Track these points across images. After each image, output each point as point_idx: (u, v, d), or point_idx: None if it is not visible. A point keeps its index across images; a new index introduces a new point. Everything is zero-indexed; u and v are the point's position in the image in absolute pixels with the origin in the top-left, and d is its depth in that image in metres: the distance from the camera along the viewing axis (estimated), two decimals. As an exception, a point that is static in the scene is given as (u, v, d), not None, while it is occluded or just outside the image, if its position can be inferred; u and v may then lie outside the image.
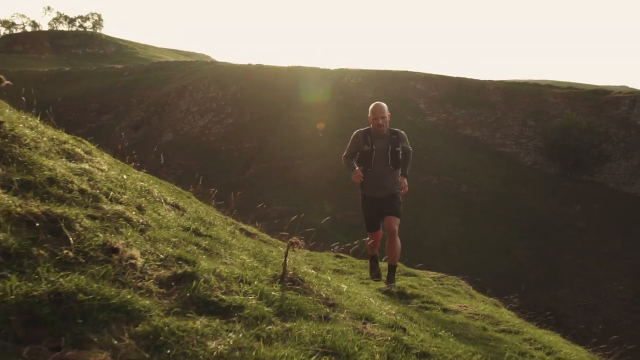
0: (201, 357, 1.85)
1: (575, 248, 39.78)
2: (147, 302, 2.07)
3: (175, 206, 3.64)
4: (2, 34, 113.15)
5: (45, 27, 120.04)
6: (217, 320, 2.15)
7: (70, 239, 2.21)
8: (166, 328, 1.95)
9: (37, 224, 2.17)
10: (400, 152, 7.35)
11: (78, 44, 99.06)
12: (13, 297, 1.79)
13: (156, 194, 3.51)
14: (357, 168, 7.15)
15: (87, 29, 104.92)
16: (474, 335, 3.23)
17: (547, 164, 47.98)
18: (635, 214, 41.99)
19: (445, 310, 4.69)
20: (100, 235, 2.37)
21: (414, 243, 37.94)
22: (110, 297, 1.97)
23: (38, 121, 3.51)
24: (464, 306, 4.76)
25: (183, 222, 3.32)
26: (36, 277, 1.94)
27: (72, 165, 2.98)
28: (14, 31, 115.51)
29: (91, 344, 1.75)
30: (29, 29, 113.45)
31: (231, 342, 1.97)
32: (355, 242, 9.98)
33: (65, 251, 2.14)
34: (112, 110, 55.83)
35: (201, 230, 3.28)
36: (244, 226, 6.74)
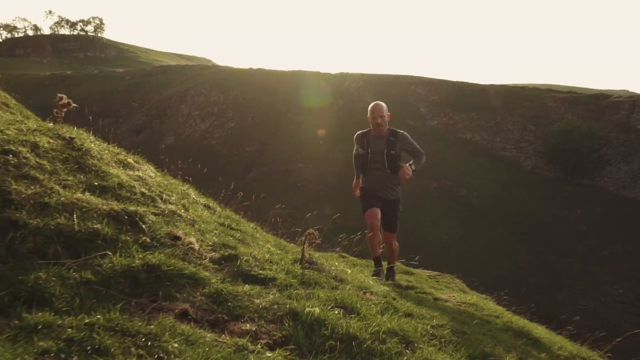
0: (251, 308, 2.60)
1: (576, 252, 40.15)
2: (207, 273, 2.83)
3: (207, 206, 4.41)
4: (3, 37, 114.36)
5: (46, 31, 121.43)
6: (258, 287, 2.91)
7: (145, 229, 2.97)
8: (224, 290, 2.70)
9: (121, 218, 2.94)
10: (397, 155, 7.17)
11: (79, 48, 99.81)
12: (119, 267, 2.54)
13: (193, 196, 4.29)
14: (359, 180, 7.28)
15: (89, 33, 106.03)
16: (452, 310, 3.93)
17: (547, 168, 48.42)
18: (635, 217, 42.49)
19: (435, 299, 5.38)
20: (165, 226, 3.13)
21: (414, 246, 38.25)
22: (183, 269, 2.73)
23: (93, 137, 4.28)
24: (453, 296, 5.41)
25: (216, 219, 4.08)
26: (129, 255, 2.70)
27: (130, 172, 3.73)
28: (16, 35, 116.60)
29: (176, 299, 2.50)
30: (30, 32, 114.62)
31: (270, 300, 2.73)
32: (358, 234, 10.34)
33: (144, 238, 2.90)
34: (114, 113, 56.54)
35: (233, 225, 4.04)
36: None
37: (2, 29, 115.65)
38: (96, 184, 3.23)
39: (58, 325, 1.95)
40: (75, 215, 2.71)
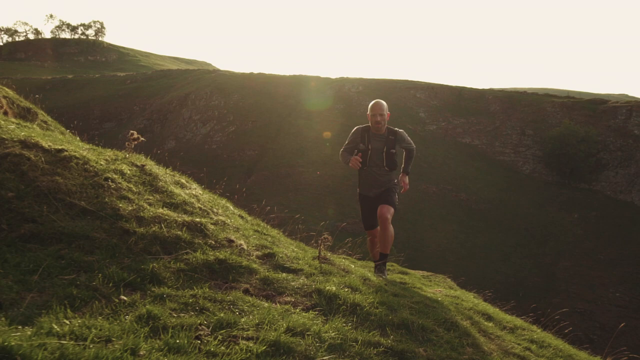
0: (289, 287, 3.78)
1: (573, 255, 41.03)
2: (256, 265, 4.00)
3: (241, 216, 5.59)
4: (4, 41, 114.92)
5: (47, 34, 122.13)
6: (291, 274, 4.09)
7: (209, 234, 4.17)
8: (270, 276, 3.88)
9: (192, 227, 4.15)
10: (396, 154, 7.42)
11: (80, 52, 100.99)
12: (200, 260, 3.74)
13: (231, 208, 5.48)
14: (355, 156, 7.27)
15: (90, 37, 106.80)
16: (430, 296, 5.07)
17: (545, 172, 49.38)
18: (631, 222, 43.43)
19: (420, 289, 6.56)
20: (221, 232, 4.32)
21: (413, 250, 39.09)
22: (241, 262, 3.90)
23: (152, 161, 5.45)
24: (439, 290, 6.52)
25: (250, 226, 5.26)
26: (204, 252, 3.90)
27: (186, 191, 4.92)
28: (17, 39, 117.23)
29: (239, 282, 3.68)
30: (31, 36, 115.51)
31: (301, 282, 3.90)
32: (359, 238, 11.03)
33: (210, 241, 4.08)
34: (115, 117, 57.59)
35: (263, 232, 5.23)
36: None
37: (3, 32, 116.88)
38: (168, 201, 4.41)
39: (175, 295, 3.13)
40: (163, 225, 3.90)
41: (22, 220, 3.53)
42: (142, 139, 5.19)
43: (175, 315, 2.87)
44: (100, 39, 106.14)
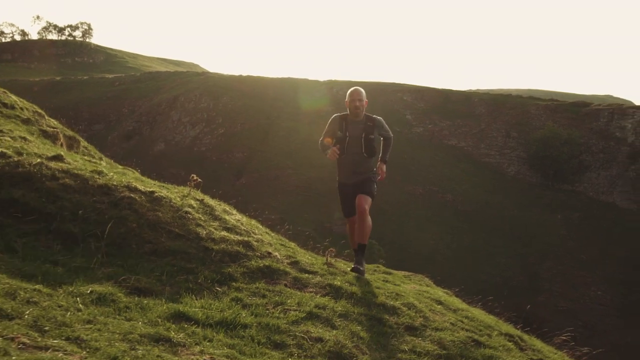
0: (311, 283, 6.05)
1: (556, 255, 43.16)
2: (288, 269, 6.21)
3: (267, 232, 7.84)
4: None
5: (34, 36, 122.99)
6: (311, 275, 6.31)
7: (255, 249, 6.44)
8: (298, 276, 6.14)
9: (244, 244, 6.41)
10: (374, 139, 7.59)
11: (67, 53, 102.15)
12: (254, 267, 6.02)
13: (261, 228, 7.74)
14: (333, 147, 7.50)
15: (77, 38, 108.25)
16: (403, 288, 7.34)
17: (530, 174, 52.01)
18: (613, 222, 45.75)
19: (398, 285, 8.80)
20: (262, 247, 6.59)
21: (400, 250, 41.01)
22: (279, 267, 6.12)
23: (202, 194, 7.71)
24: (413, 287, 8.70)
25: (275, 240, 7.49)
26: (255, 261, 6.19)
27: (232, 217, 7.13)
28: (3, 40, 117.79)
29: (279, 280, 5.94)
30: (18, 37, 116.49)
31: (318, 280, 6.16)
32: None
33: (257, 253, 6.35)
34: (104, 119, 59.34)
35: (285, 244, 7.46)
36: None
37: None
38: (224, 226, 6.61)
39: (246, 287, 5.35)
40: (227, 244, 6.15)
41: (143, 242, 5.76)
42: (200, 180, 7.39)
43: (250, 298, 5.14)
44: (87, 40, 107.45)
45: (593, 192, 50.24)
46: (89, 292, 4.43)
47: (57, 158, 6.83)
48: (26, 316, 3.72)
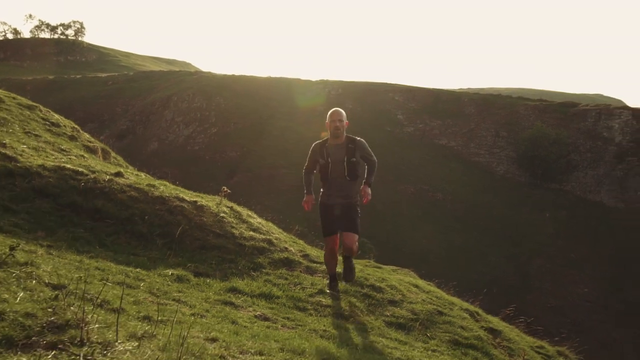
0: (319, 270, 8.25)
1: (545, 254, 44.78)
2: (302, 261, 8.39)
3: (281, 232, 10.04)
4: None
5: (27, 34, 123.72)
6: (318, 264, 8.53)
7: (276, 245, 8.65)
8: (309, 265, 8.39)
9: (268, 241, 8.62)
10: (357, 162, 7.66)
11: (60, 52, 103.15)
12: (276, 258, 8.23)
13: (276, 228, 9.96)
14: (310, 194, 7.88)
15: (69, 37, 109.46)
16: (386, 276, 9.53)
17: (519, 173, 54.21)
18: (600, 220, 47.87)
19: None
20: (280, 243, 8.79)
21: (394, 250, 42.74)
22: (295, 259, 8.37)
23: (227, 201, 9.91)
24: (399, 277, 10.92)
25: (289, 238, 9.71)
26: (277, 254, 8.40)
27: (255, 220, 9.36)
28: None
29: (296, 268, 8.17)
30: (10, 36, 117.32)
31: (324, 268, 8.42)
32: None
33: (277, 248, 8.56)
34: (97, 119, 61.05)
35: (295, 241, 9.66)
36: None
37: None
38: (250, 227, 8.84)
39: (272, 272, 7.53)
40: (254, 241, 8.36)
41: (194, 239, 7.96)
42: (229, 191, 9.60)
43: (277, 280, 7.37)
44: (80, 39, 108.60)
45: (581, 191, 52.31)
46: (170, 274, 6.68)
47: (119, 174, 9.09)
48: (141, 287, 5.95)
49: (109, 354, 3.25)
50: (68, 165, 8.79)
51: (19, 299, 3.82)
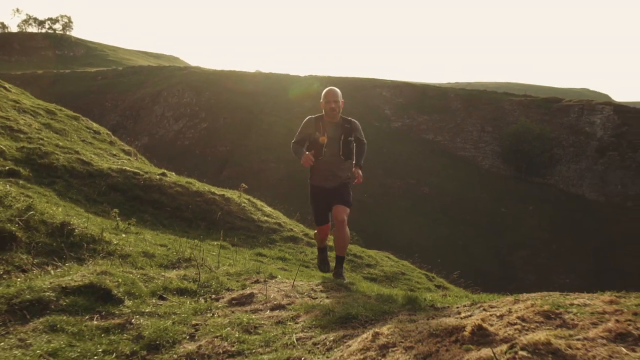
0: None
1: (529, 245, 48.34)
2: (303, 237, 12.00)
3: (286, 218, 13.52)
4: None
5: (14, 29, 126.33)
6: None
7: (284, 226, 12.19)
8: (309, 241, 11.95)
9: (279, 224, 12.17)
10: (352, 142, 7.54)
11: (48, 46, 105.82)
12: (285, 236, 11.79)
13: (282, 215, 13.45)
14: (307, 152, 7.35)
15: (57, 31, 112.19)
16: (375, 255, 13.01)
17: (503, 167, 57.90)
18: (582, 213, 51.43)
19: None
20: (287, 225, 12.35)
21: (382, 242, 45.48)
22: (297, 236, 11.92)
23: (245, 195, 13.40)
24: (376, 252, 14.50)
25: (291, 222, 13.21)
26: (285, 233, 11.99)
27: (266, 209, 12.91)
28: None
29: (299, 242, 11.73)
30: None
31: None
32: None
33: (285, 228, 12.12)
34: (87, 114, 62.45)
35: (297, 225, 13.16)
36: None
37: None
38: (264, 213, 12.34)
39: (283, 246, 11.06)
40: (269, 224, 11.87)
41: (225, 223, 11.46)
42: (246, 187, 13.14)
43: (287, 250, 10.88)
44: (68, 33, 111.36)
45: (563, 184, 56.00)
46: (215, 244, 10.19)
47: (164, 174, 12.62)
48: (203, 248, 9.49)
49: (218, 270, 6.77)
50: (127, 168, 12.30)
51: (158, 249, 7.39)
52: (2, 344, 3.52)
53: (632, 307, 2.63)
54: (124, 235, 7.99)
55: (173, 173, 14.05)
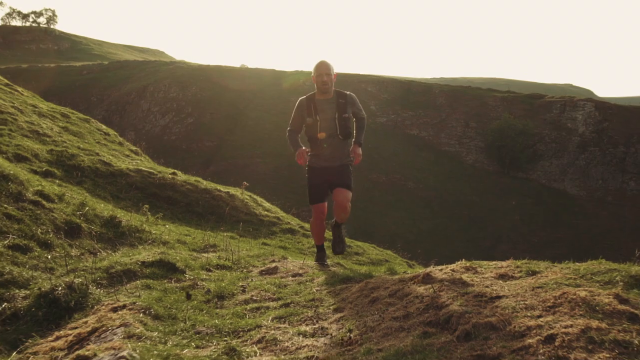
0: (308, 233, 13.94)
1: (510, 239, 50.33)
2: (299, 230, 14.00)
3: (283, 212, 15.47)
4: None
5: None
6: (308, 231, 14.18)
7: (282, 219, 14.19)
8: (305, 233, 13.92)
9: (278, 218, 14.16)
10: (351, 119, 7.28)
11: (32, 40, 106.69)
12: (283, 228, 13.82)
13: (279, 209, 15.40)
14: (302, 147, 7.11)
15: (41, 25, 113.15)
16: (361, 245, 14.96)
17: (487, 162, 60.14)
18: (563, 207, 53.76)
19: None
20: (285, 219, 14.34)
21: (365, 235, 47.26)
22: (293, 227, 13.86)
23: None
24: (363, 243, 16.51)
25: (287, 216, 15.18)
26: (284, 225, 13.98)
27: (265, 204, 14.88)
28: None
29: (297, 234, 13.70)
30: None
31: None
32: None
33: (283, 222, 14.09)
34: (73, 109, 64.98)
35: (293, 219, 15.14)
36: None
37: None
38: (264, 208, 14.30)
39: (283, 237, 13.06)
40: (269, 217, 13.80)
41: (231, 216, 13.39)
42: (247, 184, 15.13)
43: (286, 240, 12.84)
44: (52, 26, 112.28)
45: (546, 179, 58.32)
46: (225, 235, 12.15)
47: (174, 173, 14.56)
48: (217, 237, 11.46)
49: (240, 253, 8.74)
50: (142, 168, 14.23)
51: (187, 238, 9.38)
52: (119, 296, 5.47)
53: (522, 266, 4.64)
54: (158, 226, 9.98)
55: (181, 172, 15.97)
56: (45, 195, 8.51)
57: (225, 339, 4.17)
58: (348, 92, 7.51)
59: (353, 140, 7.42)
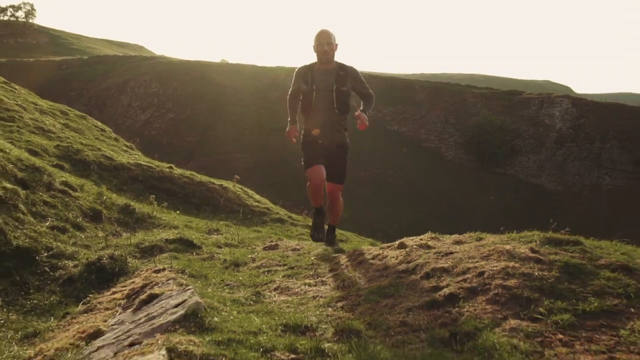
0: (299, 224, 15.30)
1: (487, 232, 52.79)
2: (287, 219, 15.50)
3: (271, 203, 16.96)
4: None
5: None
6: (297, 221, 15.57)
7: (272, 210, 15.65)
8: (293, 222, 15.39)
9: (268, 209, 15.60)
10: (350, 94, 7.12)
11: (10, 34, 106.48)
12: (274, 217, 15.26)
13: (267, 200, 16.87)
14: (294, 125, 7.04)
15: (20, 19, 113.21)
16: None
17: (466, 158, 61.83)
18: (541, 202, 55.50)
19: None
20: (274, 209, 15.79)
21: (346, 230, 49.24)
22: (283, 217, 15.40)
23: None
24: (346, 232, 18.00)
25: (276, 207, 16.65)
26: (274, 215, 15.45)
27: (256, 196, 16.34)
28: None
29: (286, 223, 15.19)
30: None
31: (301, 223, 15.49)
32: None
33: (273, 212, 15.57)
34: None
35: (281, 209, 16.61)
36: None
37: None
38: (255, 200, 15.72)
39: (275, 225, 14.55)
40: (259, 208, 15.24)
41: (225, 207, 14.81)
42: (239, 178, 16.52)
43: (277, 228, 14.32)
44: (30, 20, 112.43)
45: (523, 175, 60.17)
46: (221, 223, 13.58)
47: (171, 167, 15.98)
48: (214, 225, 12.90)
49: (241, 234, 10.19)
50: (141, 162, 15.62)
51: (192, 224, 10.84)
52: (154, 263, 6.90)
53: (474, 235, 6.16)
54: (164, 214, 11.41)
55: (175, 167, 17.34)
56: (70, 185, 9.86)
57: (249, 288, 5.65)
58: (350, 66, 7.25)
59: (360, 109, 7.18)
